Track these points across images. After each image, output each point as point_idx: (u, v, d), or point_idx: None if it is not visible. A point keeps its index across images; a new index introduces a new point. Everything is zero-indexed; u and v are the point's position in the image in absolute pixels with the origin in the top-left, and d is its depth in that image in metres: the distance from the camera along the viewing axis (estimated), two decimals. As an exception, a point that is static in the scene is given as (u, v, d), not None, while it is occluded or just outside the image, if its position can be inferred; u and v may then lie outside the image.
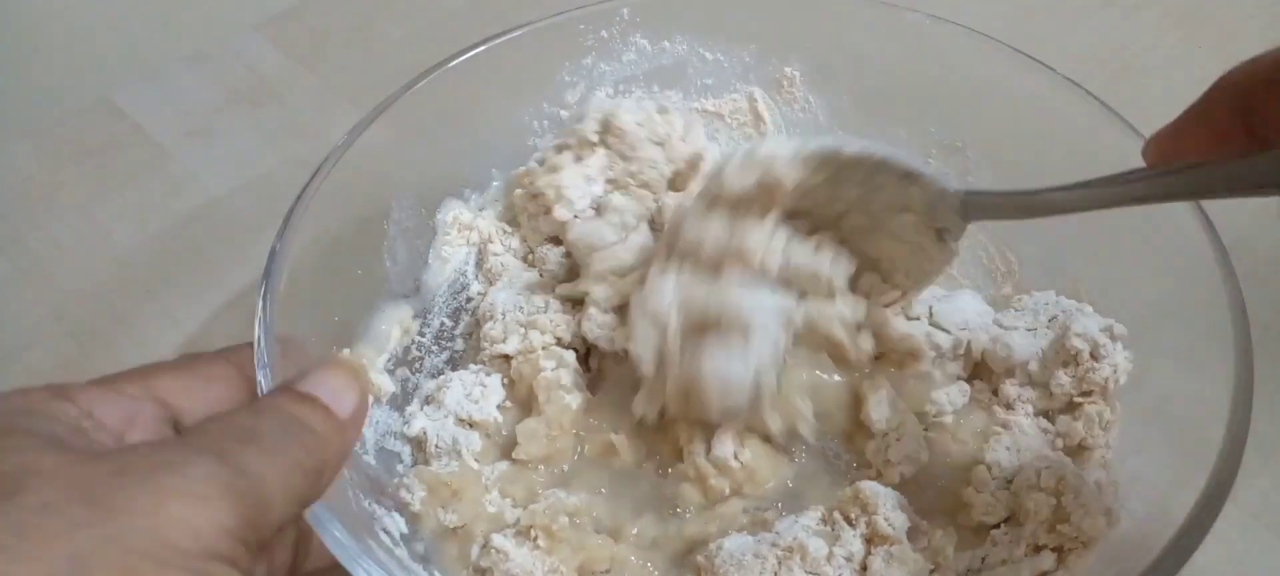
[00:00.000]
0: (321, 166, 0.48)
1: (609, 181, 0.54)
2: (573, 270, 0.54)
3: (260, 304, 0.42)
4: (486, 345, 0.52)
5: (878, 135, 0.58)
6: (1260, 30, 0.71)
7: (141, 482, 0.28)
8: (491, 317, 0.52)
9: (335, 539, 0.36)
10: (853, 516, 0.44)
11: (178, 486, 0.28)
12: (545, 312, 0.52)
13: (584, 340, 0.52)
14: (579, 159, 0.54)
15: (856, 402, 0.49)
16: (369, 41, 0.78)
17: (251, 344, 0.40)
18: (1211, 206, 0.44)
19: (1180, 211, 0.45)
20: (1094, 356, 0.47)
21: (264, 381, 0.39)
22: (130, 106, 0.73)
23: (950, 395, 0.50)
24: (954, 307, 0.52)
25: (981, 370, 0.52)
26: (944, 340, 0.51)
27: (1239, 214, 0.44)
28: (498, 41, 0.54)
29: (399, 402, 0.50)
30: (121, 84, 0.74)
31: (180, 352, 0.58)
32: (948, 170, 0.55)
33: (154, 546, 0.27)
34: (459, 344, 0.54)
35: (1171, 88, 0.49)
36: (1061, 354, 0.48)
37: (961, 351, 0.51)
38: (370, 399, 0.47)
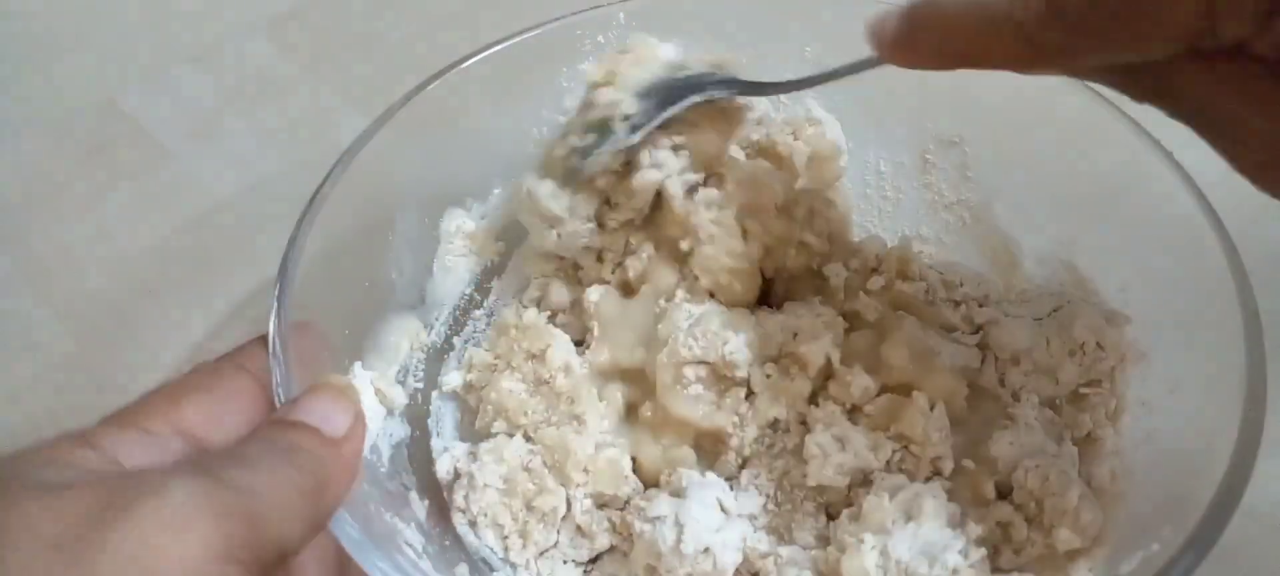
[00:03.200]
0: (326, 179, 0.47)
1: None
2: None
3: (273, 320, 0.41)
4: None
5: (875, 131, 0.59)
6: None
7: (122, 517, 0.28)
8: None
9: (350, 537, 0.36)
10: None
11: (159, 513, 0.28)
12: None
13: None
14: None
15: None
16: (370, 43, 0.78)
17: (263, 339, 0.40)
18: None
19: (1185, 201, 0.45)
20: (1100, 345, 0.48)
21: (280, 400, 0.39)
22: (132, 107, 0.73)
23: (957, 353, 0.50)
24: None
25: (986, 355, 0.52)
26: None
27: (1238, 212, 0.44)
28: (496, 49, 0.54)
29: (410, 414, 0.50)
30: (124, 85, 0.74)
31: (181, 353, 0.59)
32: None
33: None
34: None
35: None
36: (1067, 342, 0.49)
37: (958, 297, 0.52)
38: (382, 412, 0.48)
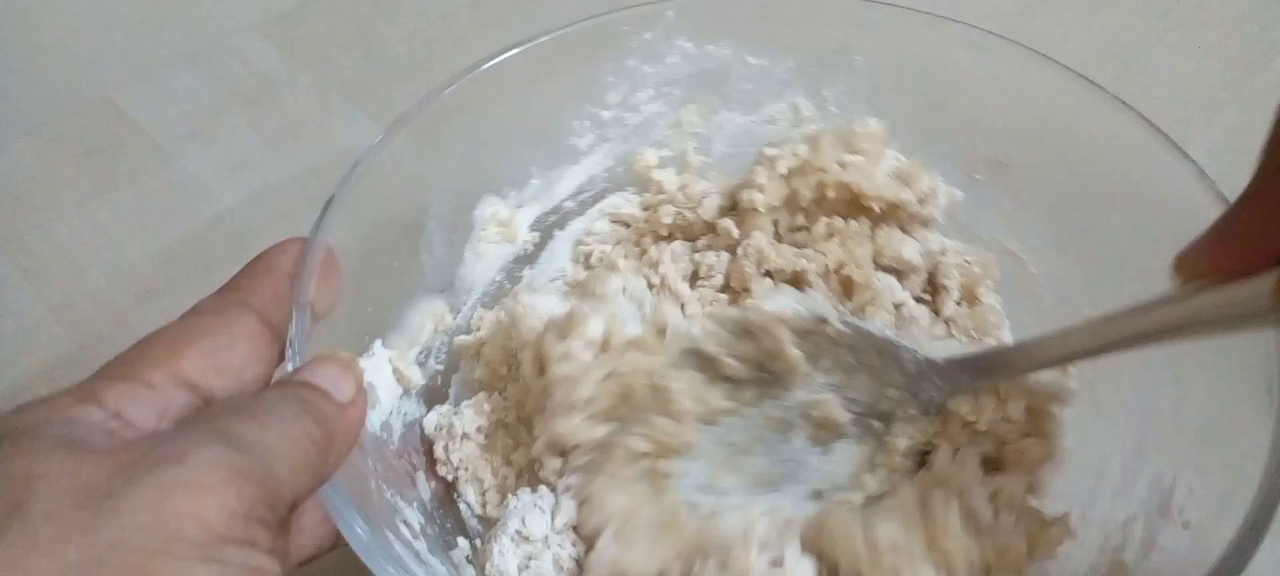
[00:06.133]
0: (362, 158, 0.48)
1: None
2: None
3: (298, 291, 0.41)
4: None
5: (923, 147, 0.57)
6: (1261, 30, 0.69)
7: (146, 479, 0.28)
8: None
9: (354, 533, 0.36)
10: None
11: (180, 477, 0.29)
12: None
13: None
14: None
15: None
16: (369, 42, 0.79)
17: (261, 272, 0.40)
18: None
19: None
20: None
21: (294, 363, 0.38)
22: (131, 107, 0.73)
23: None
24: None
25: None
26: None
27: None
28: (541, 40, 0.54)
29: (428, 396, 0.51)
30: (122, 84, 0.75)
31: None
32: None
33: (163, 542, 0.27)
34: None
35: (1172, 88, 0.49)
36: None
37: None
38: (397, 391, 0.48)
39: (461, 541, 0.46)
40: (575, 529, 0.45)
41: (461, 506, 0.47)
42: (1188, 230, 0.46)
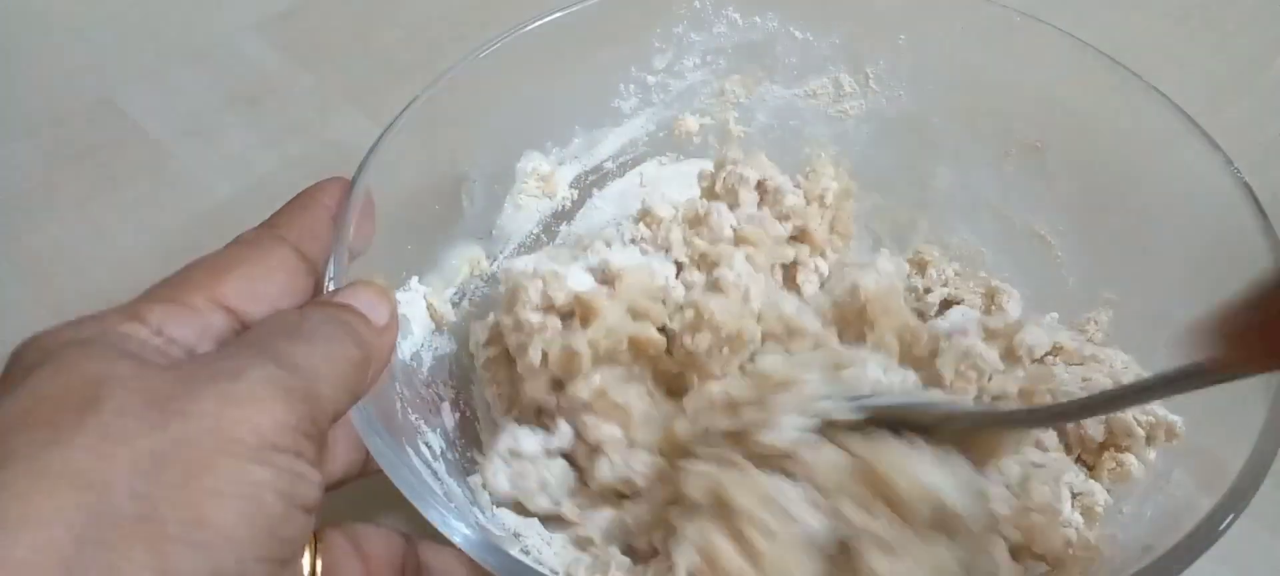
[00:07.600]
0: (411, 104, 0.50)
1: None
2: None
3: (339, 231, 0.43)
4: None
5: (960, 128, 0.58)
6: (1261, 30, 0.68)
7: (207, 389, 0.31)
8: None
9: (375, 443, 0.39)
10: None
11: (237, 391, 0.31)
12: None
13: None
14: None
15: None
16: (369, 41, 0.78)
17: (299, 208, 0.42)
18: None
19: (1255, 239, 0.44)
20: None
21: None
22: (130, 106, 0.73)
23: None
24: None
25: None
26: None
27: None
28: (593, 1, 0.56)
29: (459, 333, 0.53)
30: (121, 84, 0.74)
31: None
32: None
33: (223, 443, 0.30)
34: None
35: (1172, 88, 0.49)
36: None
37: None
38: (430, 326, 0.51)
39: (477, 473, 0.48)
40: (566, 456, 0.47)
41: (483, 436, 0.50)
42: (1213, 219, 0.47)
